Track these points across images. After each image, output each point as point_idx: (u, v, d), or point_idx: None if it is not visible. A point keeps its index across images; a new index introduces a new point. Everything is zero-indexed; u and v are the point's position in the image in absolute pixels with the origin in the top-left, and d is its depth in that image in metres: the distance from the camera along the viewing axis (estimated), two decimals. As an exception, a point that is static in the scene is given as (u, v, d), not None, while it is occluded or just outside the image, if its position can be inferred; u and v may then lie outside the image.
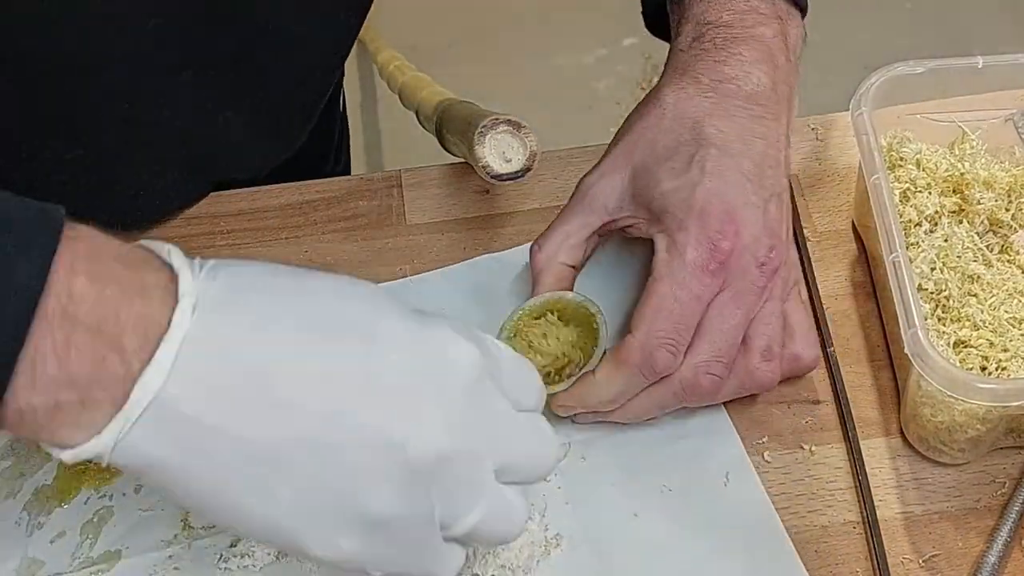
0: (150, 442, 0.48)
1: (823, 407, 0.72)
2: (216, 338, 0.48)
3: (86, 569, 0.66)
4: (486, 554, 0.64)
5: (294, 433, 0.49)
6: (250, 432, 0.48)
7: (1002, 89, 0.76)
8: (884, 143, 0.76)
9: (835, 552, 0.66)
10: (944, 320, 0.70)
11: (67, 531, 0.67)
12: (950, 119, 0.77)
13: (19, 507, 0.68)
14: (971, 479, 0.69)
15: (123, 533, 0.67)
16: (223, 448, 0.48)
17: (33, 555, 0.67)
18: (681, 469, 0.69)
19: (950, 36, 2.22)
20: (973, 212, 0.74)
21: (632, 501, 0.68)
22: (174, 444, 0.48)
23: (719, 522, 0.67)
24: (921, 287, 0.70)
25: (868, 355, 0.74)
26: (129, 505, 0.68)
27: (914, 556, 0.66)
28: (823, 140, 0.84)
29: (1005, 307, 0.70)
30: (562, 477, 0.69)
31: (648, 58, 2.20)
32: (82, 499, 0.69)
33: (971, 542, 0.67)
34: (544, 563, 0.66)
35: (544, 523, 0.67)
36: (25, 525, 0.68)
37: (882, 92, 0.74)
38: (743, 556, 0.66)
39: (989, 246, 0.74)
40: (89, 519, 0.68)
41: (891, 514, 0.68)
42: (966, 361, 0.68)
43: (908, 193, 0.75)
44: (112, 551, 0.67)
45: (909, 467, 0.70)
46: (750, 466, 0.69)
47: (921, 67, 0.75)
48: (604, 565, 0.66)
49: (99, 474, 0.69)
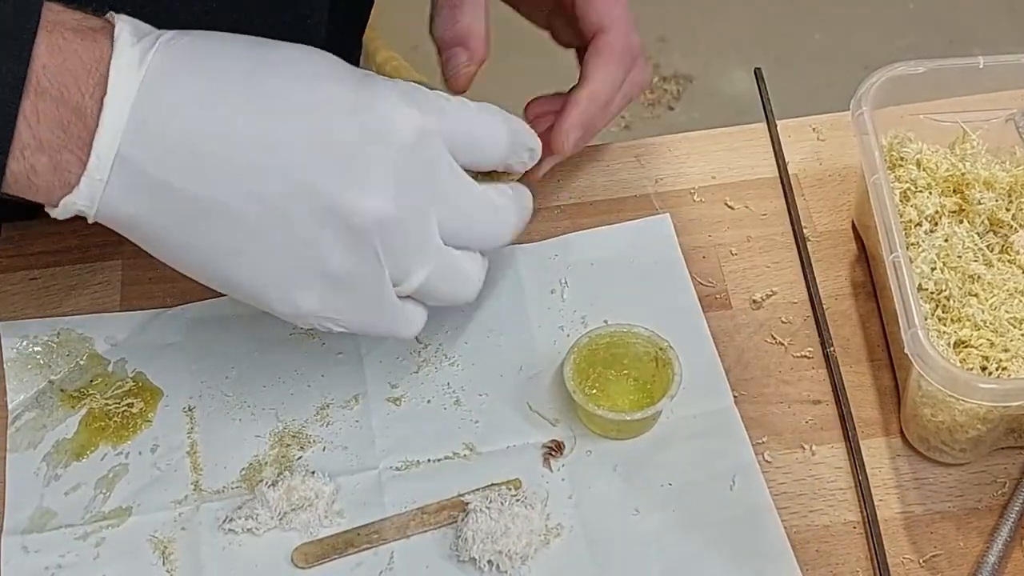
0: (121, 200, 0.54)
1: (823, 407, 0.72)
2: (167, 105, 0.52)
3: (96, 523, 0.68)
4: (484, 540, 0.65)
5: (242, 191, 0.53)
6: (203, 191, 0.53)
7: (1002, 89, 0.76)
8: (884, 143, 0.76)
9: (835, 552, 0.66)
10: (944, 320, 0.70)
11: (82, 485, 0.69)
12: (951, 119, 0.77)
13: (39, 458, 0.70)
14: (972, 479, 0.69)
15: (135, 491, 0.69)
16: (184, 207, 0.53)
17: (47, 506, 0.68)
18: (687, 469, 0.69)
19: (950, 36, 2.21)
20: (973, 212, 0.74)
21: (634, 497, 0.68)
22: (141, 202, 0.54)
23: (720, 524, 0.67)
24: (921, 287, 0.70)
25: (868, 355, 0.74)
26: (144, 464, 0.70)
27: (914, 556, 0.66)
28: (823, 140, 0.84)
29: (1005, 307, 0.69)
30: (567, 470, 0.69)
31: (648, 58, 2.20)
32: (99, 455, 0.70)
33: (972, 542, 0.67)
34: (542, 552, 0.66)
35: (546, 512, 0.67)
36: (43, 476, 0.69)
37: (882, 92, 0.74)
38: (741, 559, 0.66)
39: (989, 246, 0.74)
40: (104, 475, 0.69)
41: (891, 514, 0.68)
42: (966, 361, 0.68)
43: (908, 193, 0.75)
44: (123, 507, 0.68)
45: (909, 467, 0.70)
46: (759, 472, 0.69)
47: (921, 67, 0.75)
48: (601, 558, 0.66)
49: (118, 431, 0.71)
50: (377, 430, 0.71)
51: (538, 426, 0.71)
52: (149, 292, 0.77)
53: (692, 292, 0.76)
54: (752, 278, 0.78)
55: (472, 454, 0.70)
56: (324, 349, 0.74)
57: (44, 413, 0.72)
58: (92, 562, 0.66)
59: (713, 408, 0.71)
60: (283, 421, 0.71)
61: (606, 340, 0.71)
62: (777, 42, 2.21)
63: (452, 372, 0.73)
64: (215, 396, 0.72)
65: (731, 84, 2.16)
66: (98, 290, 0.77)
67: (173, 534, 0.67)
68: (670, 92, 2.15)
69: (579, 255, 0.78)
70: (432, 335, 0.75)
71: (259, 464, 0.70)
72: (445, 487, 0.68)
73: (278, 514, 0.67)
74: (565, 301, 0.76)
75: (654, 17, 2.22)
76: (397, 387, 0.73)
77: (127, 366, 0.74)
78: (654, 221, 0.80)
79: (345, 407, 0.72)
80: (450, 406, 0.72)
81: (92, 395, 0.72)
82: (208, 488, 0.69)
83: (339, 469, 0.69)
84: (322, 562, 0.66)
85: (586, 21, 0.73)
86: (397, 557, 0.66)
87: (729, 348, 0.74)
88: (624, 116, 2.09)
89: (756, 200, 0.81)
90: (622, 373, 0.71)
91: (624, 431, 0.70)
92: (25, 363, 0.73)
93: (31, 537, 0.67)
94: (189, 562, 0.66)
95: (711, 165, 0.83)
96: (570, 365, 0.69)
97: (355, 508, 0.68)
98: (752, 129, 0.85)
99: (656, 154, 0.84)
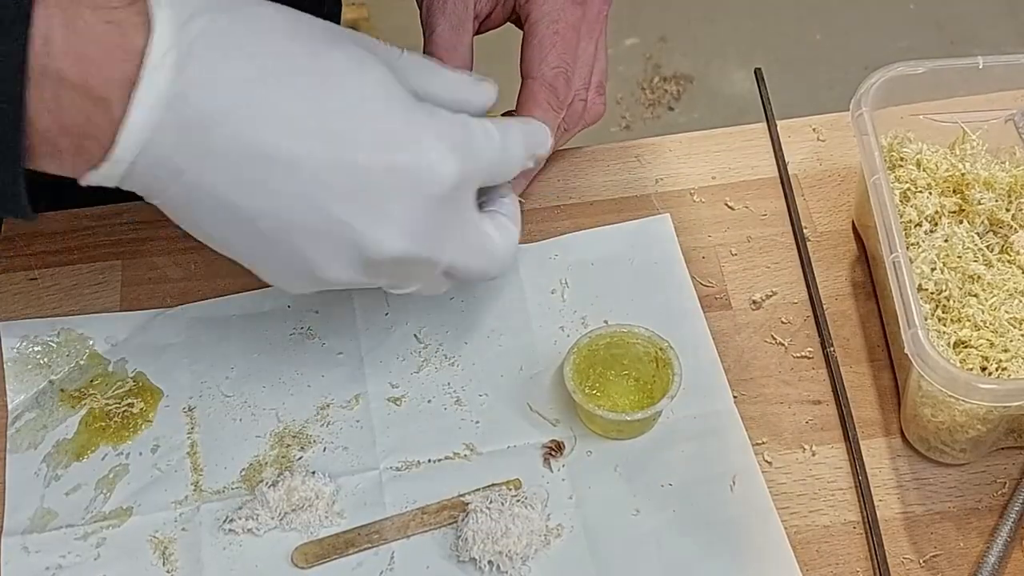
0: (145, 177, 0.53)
1: (823, 407, 0.72)
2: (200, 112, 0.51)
3: (97, 523, 0.68)
4: (484, 540, 0.65)
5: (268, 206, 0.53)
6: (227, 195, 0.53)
7: (1002, 89, 0.76)
8: (884, 143, 0.76)
9: (835, 552, 0.66)
10: (944, 320, 0.70)
11: (82, 485, 0.69)
12: (951, 119, 0.77)
13: (39, 458, 0.70)
14: (972, 479, 0.69)
15: (136, 491, 0.69)
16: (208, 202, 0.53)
17: (48, 506, 0.68)
18: (687, 469, 0.69)
19: (950, 36, 2.22)
20: (973, 212, 0.74)
21: (635, 498, 0.68)
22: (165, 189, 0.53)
23: (720, 524, 0.67)
24: (921, 287, 0.70)
25: (868, 355, 0.74)
26: (144, 464, 0.70)
27: (915, 556, 0.66)
28: (823, 140, 0.84)
29: (1005, 307, 0.69)
30: (567, 470, 0.69)
31: (649, 58, 2.20)
32: (100, 455, 0.70)
33: (972, 542, 0.67)
34: (542, 552, 0.66)
35: (546, 512, 0.67)
36: (43, 476, 0.69)
37: (882, 92, 0.74)
38: (741, 559, 0.66)
39: (989, 246, 0.74)
40: (105, 475, 0.69)
41: (891, 514, 0.68)
42: (966, 361, 0.68)
43: (908, 193, 0.75)
44: (124, 508, 0.68)
45: (909, 467, 0.70)
46: (758, 473, 0.69)
47: (921, 67, 0.75)
48: (601, 559, 0.66)
49: (118, 431, 0.71)
50: (377, 430, 0.71)
51: (538, 426, 0.71)
52: (149, 292, 0.77)
53: (692, 292, 0.76)
54: (752, 278, 0.78)
55: (472, 454, 0.70)
56: (324, 349, 0.74)
57: (44, 413, 0.72)
58: (92, 562, 0.66)
59: (713, 408, 0.71)
60: (283, 421, 0.72)
61: (606, 340, 0.71)
62: (777, 42, 2.21)
63: (452, 372, 0.73)
64: (215, 396, 0.72)
65: (731, 84, 2.16)
66: (98, 290, 0.77)
67: (173, 534, 0.67)
68: (670, 92, 2.15)
69: (579, 255, 0.78)
70: (432, 335, 0.75)
71: (259, 464, 0.70)
72: (445, 487, 0.69)
73: (278, 514, 0.67)
74: (565, 301, 0.76)
75: (654, 17, 2.22)
76: (397, 387, 0.73)
77: (127, 366, 0.74)
78: (654, 221, 0.80)
79: (345, 407, 0.72)
80: (450, 406, 0.72)
81: (92, 395, 0.72)
82: (208, 488, 0.69)
83: (339, 469, 0.69)
84: (322, 562, 0.66)
85: (522, 60, 0.73)
86: (397, 557, 0.66)
87: (729, 348, 0.74)
88: (624, 116, 2.10)
89: (756, 200, 0.81)
90: (622, 373, 0.71)
91: (624, 431, 0.70)
92: (25, 363, 0.73)
93: (31, 537, 0.67)
94: (189, 562, 0.66)
95: (711, 165, 0.83)
96: (570, 365, 0.69)
97: (355, 508, 0.68)
98: (752, 129, 0.85)
99: (656, 154, 0.84)
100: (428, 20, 0.73)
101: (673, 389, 0.68)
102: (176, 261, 0.78)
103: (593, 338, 0.70)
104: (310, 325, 0.75)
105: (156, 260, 0.78)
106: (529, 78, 0.71)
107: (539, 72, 0.71)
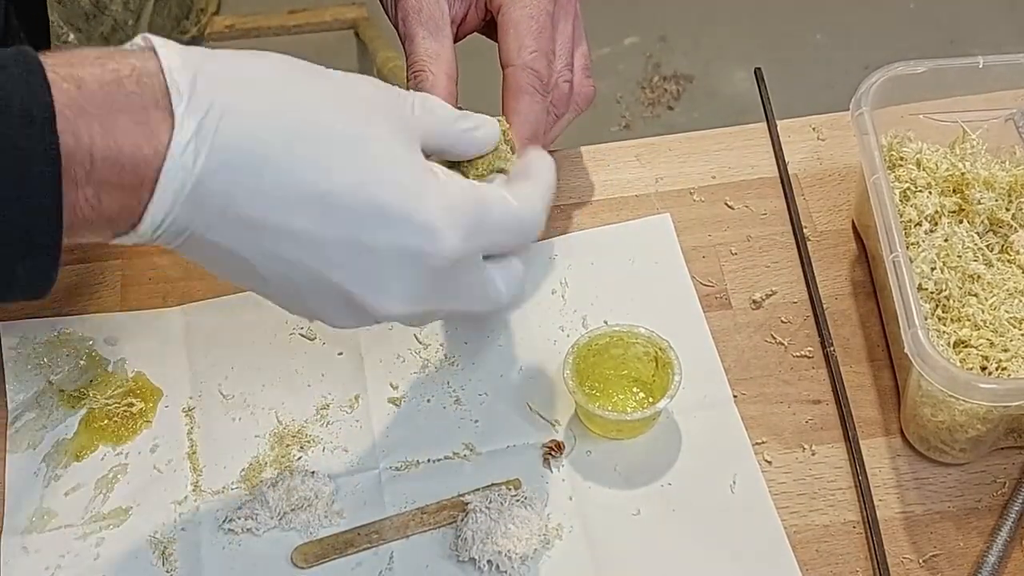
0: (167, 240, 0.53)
1: (823, 407, 0.72)
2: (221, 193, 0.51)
3: (96, 523, 0.68)
4: (483, 540, 0.65)
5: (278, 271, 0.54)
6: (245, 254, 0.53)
7: (1002, 89, 0.76)
8: (884, 143, 0.76)
9: (835, 552, 0.66)
10: (944, 320, 0.70)
11: (82, 485, 0.69)
12: (951, 119, 0.77)
13: (39, 459, 0.70)
14: (971, 479, 0.69)
15: (134, 491, 0.69)
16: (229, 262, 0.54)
17: (48, 506, 0.68)
18: (687, 469, 0.69)
19: (950, 36, 2.21)
20: (973, 212, 0.74)
21: (634, 497, 0.68)
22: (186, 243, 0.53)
23: (720, 524, 0.67)
24: (921, 287, 0.70)
25: (868, 355, 0.74)
26: (143, 464, 0.70)
27: (914, 556, 0.66)
28: (823, 140, 0.84)
29: (1005, 307, 0.69)
30: (567, 470, 0.69)
31: (649, 57, 2.20)
32: (99, 455, 0.70)
33: (971, 542, 0.67)
34: (542, 552, 0.66)
35: (546, 512, 0.67)
36: (43, 476, 0.69)
37: (882, 92, 0.74)
38: (741, 558, 0.66)
39: (989, 246, 0.74)
40: (104, 475, 0.70)
41: (891, 514, 0.68)
42: (966, 361, 0.68)
43: (908, 193, 0.75)
44: (123, 508, 0.68)
45: (909, 467, 0.70)
46: (759, 472, 0.69)
47: (921, 67, 0.75)
48: (601, 559, 0.66)
49: (118, 431, 0.71)
50: (377, 430, 0.71)
51: (538, 426, 0.71)
52: (149, 292, 0.77)
53: (692, 292, 0.76)
54: (752, 278, 0.78)
55: (472, 454, 0.70)
56: (324, 349, 0.74)
57: (44, 413, 0.72)
58: (92, 562, 0.66)
59: (713, 408, 0.71)
60: (283, 421, 0.72)
61: (606, 340, 0.71)
62: (777, 42, 2.21)
63: (452, 372, 0.73)
64: (215, 396, 0.72)
65: (731, 84, 2.16)
66: (98, 290, 0.77)
67: (173, 534, 0.67)
68: (670, 92, 2.15)
69: (579, 255, 0.78)
70: (432, 335, 0.75)
71: (259, 464, 0.70)
72: (445, 487, 0.69)
73: (278, 514, 0.67)
74: (565, 301, 0.76)
75: (654, 17, 2.22)
76: (397, 387, 0.73)
77: (127, 366, 0.74)
78: (654, 221, 0.80)
79: (345, 407, 0.72)
80: (450, 406, 0.72)
81: (92, 395, 0.72)
82: (208, 488, 0.69)
83: (339, 469, 0.69)
84: (322, 562, 0.66)
85: (500, 51, 0.72)
86: (397, 557, 0.66)
87: (729, 348, 0.74)
88: (624, 116, 2.09)
89: (756, 200, 0.81)
90: (622, 373, 0.71)
91: (624, 431, 0.70)
92: (25, 363, 0.73)
93: (31, 537, 0.67)
94: (189, 562, 0.66)
95: (711, 165, 0.83)
96: (570, 365, 0.69)
97: (355, 508, 0.68)
98: (752, 129, 0.85)
99: (656, 154, 0.84)
100: (406, 29, 0.73)
101: (673, 389, 0.68)
102: (176, 261, 0.78)
103: (593, 338, 0.70)
104: (310, 325, 0.75)
105: (156, 260, 0.78)
106: (510, 66, 0.71)
107: (519, 58, 0.70)
